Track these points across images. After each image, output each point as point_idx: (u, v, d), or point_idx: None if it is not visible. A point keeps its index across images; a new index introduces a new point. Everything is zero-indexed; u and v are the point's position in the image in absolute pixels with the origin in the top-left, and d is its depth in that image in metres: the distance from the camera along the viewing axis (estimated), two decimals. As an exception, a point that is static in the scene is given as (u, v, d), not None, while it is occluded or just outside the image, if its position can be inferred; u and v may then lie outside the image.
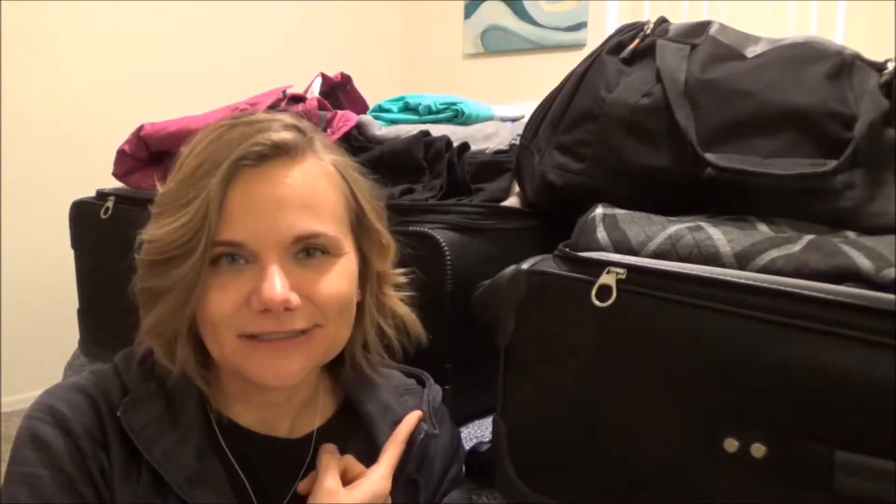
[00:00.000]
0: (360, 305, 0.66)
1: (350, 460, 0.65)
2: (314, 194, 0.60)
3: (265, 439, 0.65)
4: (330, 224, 0.61)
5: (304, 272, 0.59)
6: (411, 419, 0.68)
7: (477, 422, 0.87)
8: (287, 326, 0.58)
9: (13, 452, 0.57)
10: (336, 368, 0.70)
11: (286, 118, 0.63)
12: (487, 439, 0.76)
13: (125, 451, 0.59)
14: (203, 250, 0.56)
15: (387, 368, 0.73)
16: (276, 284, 0.56)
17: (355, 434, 0.68)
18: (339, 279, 0.61)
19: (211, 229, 0.56)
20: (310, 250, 0.60)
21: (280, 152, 0.59)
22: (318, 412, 0.69)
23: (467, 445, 0.80)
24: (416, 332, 0.70)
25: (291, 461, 0.65)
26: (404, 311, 0.70)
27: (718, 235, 0.62)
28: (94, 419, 0.59)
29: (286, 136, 0.60)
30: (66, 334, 1.40)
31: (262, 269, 0.57)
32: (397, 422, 0.69)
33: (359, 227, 0.65)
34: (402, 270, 0.70)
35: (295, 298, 0.57)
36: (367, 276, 0.66)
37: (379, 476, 0.63)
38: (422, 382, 0.75)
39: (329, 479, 0.61)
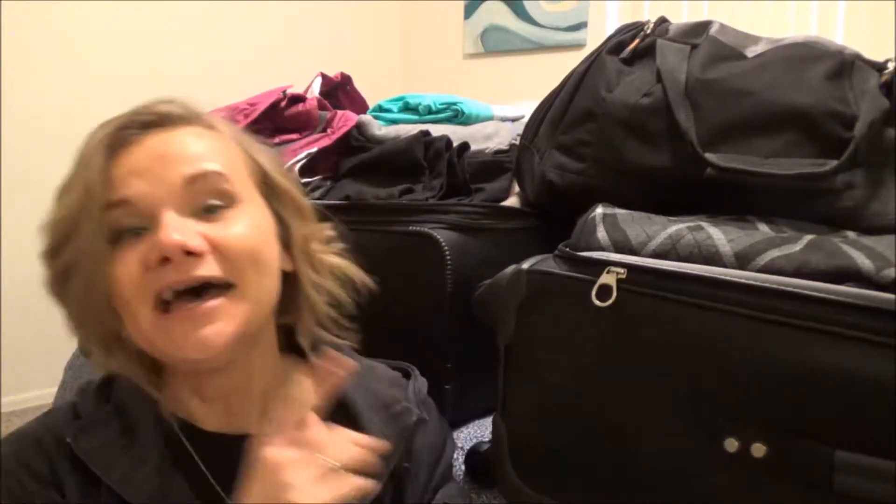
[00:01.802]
0: (294, 276, 0.64)
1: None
2: (201, 145, 0.59)
3: (230, 439, 0.61)
4: (221, 166, 0.59)
5: (207, 224, 0.57)
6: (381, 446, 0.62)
7: (477, 422, 0.86)
8: (194, 273, 0.55)
9: None
10: (304, 354, 0.67)
11: (176, 99, 0.62)
12: (487, 439, 0.76)
13: (81, 480, 0.57)
14: (94, 216, 0.55)
15: (370, 360, 0.71)
16: (170, 227, 0.54)
17: (338, 422, 0.63)
18: (246, 229, 0.58)
19: (96, 199, 0.55)
20: (209, 206, 0.57)
21: (163, 121, 0.59)
22: (293, 404, 0.65)
23: (467, 445, 0.80)
24: (360, 279, 0.68)
25: None
26: (341, 262, 0.67)
27: (719, 235, 0.62)
28: (39, 459, 0.57)
29: (170, 107, 0.60)
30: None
31: (158, 226, 0.55)
32: (385, 407, 0.66)
33: (267, 188, 0.63)
34: (326, 225, 0.68)
35: (195, 240, 0.55)
36: (291, 241, 0.64)
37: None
38: (407, 374, 0.73)
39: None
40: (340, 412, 0.65)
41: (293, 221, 0.64)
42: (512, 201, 0.96)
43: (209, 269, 0.56)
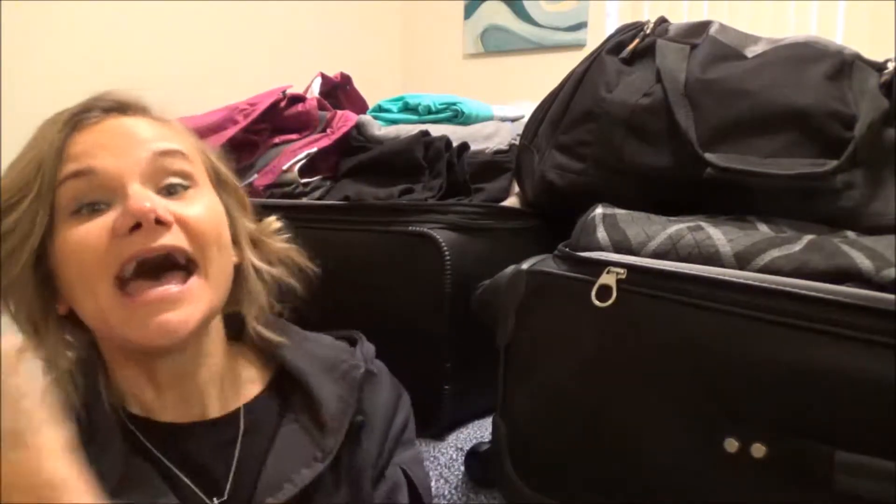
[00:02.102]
0: (240, 268, 0.64)
1: None
2: (163, 130, 0.61)
3: (186, 428, 0.61)
4: (184, 148, 0.60)
5: (170, 201, 0.57)
6: None
7: (477, 422, 0.87)
8: (165, 241, 0.55)
9: None
10: (252, 340, 0.68)
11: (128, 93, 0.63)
12: (487, 439, 0.76)
13: None
14: (41, 184, 0.54)
15: (311, 333, 0.71)
16: (143, 195, 0.54)
17: (291, 397, 0.66)
18: (207, 209, 0.59)
19: (48, 169, 0.55)
20: (172, 185, 0.58)
21: (124, 108, 0.60)
22: (246, 385, 0.66)
23: (467, 445, 0.80)
24: (303, 263, 0.68)
25: (223, 440, 0.62)
26: (283, 246, 0.68)
27: (718, 235, 0.62)
28: None
29: (128, 96, 0.61)
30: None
31: (125, 195, 0.54)
32: (331, 368, 0.66)
33: (217, 180, 0.65)
34: (272, 218, 0.69)
35: (165, 211, 0.55)
36: (238, 233, 0.65)
37: None
38: (353, 342, 0.73)
39: None
40: (287, 382, 0.66)
41: (240, 216, 0.66)
42: (512, 201, 0.96)
43: (177, 239, 0.56)
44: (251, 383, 0.67)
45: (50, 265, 0.57)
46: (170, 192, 0.58)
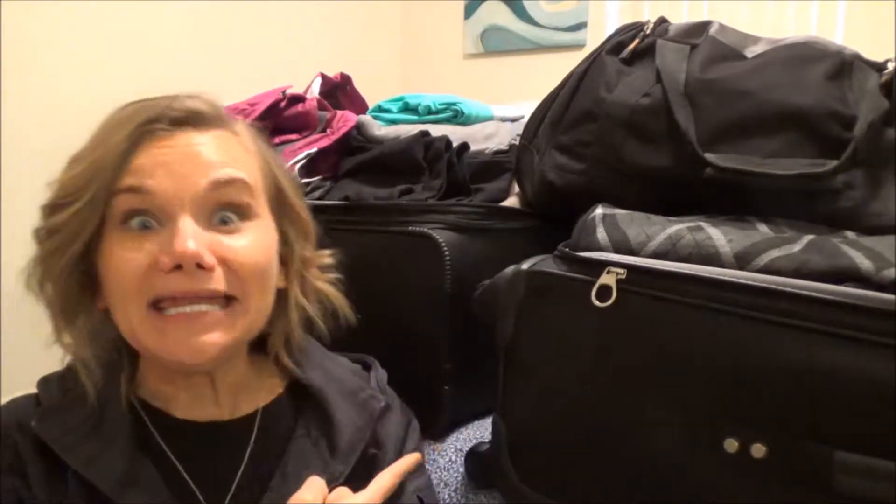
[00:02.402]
0: (284, 293, 0.64)
1: (344, 491, 0.60)
2: (228, 152, 0.59)
3: (199, 426, 0.62)
4: (245, 175, 0.59)
5: (220, 236, 0.57)
6: (412, 458, 0.65)
7: (477, 422, 0.87)
8: (201, 286, 0.55)
9: None
10: (275, 352, 0.68)
11: (204, 95, 0.62)
12: (487, 439, 0.76)
13: (46, 468, 0.56)
14: (98, 189, 0.55)
15: (331, 353, 0.72)
16: (188, 236, 0.53)
17: (305, 412, 0.66)
18: (256, 247, 0.59)
19: (105, 176, 0.55)
20: (225, 216, 0.57)
21: (194, 119, 0.58)
22: (261, 393, 0.66)
23: (467, 445, 0.80)
24: (344, 312, 0.68)
25: (232, 444, 0.62)
26: (331, 292, 0.68)
27: (718, 236, 0.62)
28: (2, 446, 0.56)
29: (201, 105, 0.59)
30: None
31: (174, 226, 0.54)
32: (351, 394, 0.67)
33: (279, 204, 0.64)
34: (327, 252, 0.69)
35: (209, 256, 0.54)
36: (290, 261, 0.64)
37: (366, 499, 0.60)
38: (367, 367, 0.74)
39: (308, 494, 0.58)
40: (310, 400, 0.67)
41: (297, 242, 0.65)
42: (512, 201, 0.96)
43: (216, 283, 0.56)
44: (267, 392, 0.67)
45: (95, 264, 0.58)
46: (223, 220, 0.57)
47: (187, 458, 0.60)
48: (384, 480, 0.61)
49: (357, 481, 0.62)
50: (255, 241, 0.59)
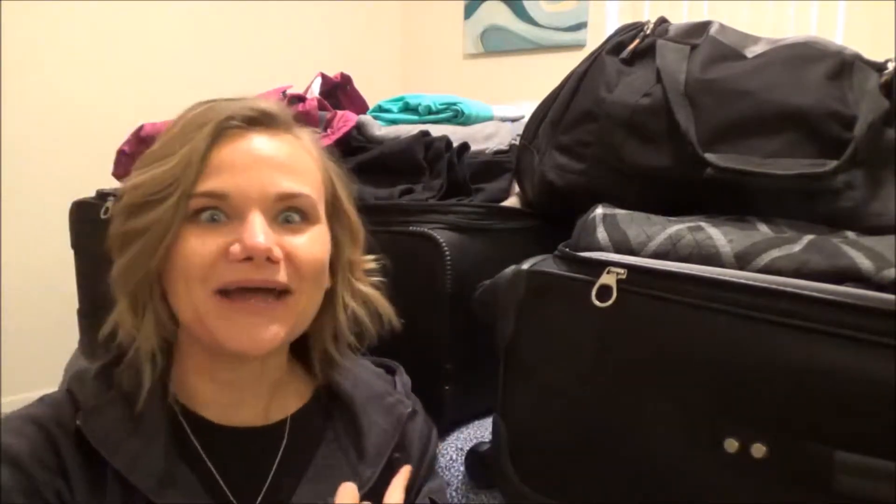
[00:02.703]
0: (331, 292, 0.66)
1: None
2: (297, 162, 0.62)
3: (234, 431, 0.63)
4: (309, 189, 0.62)
5: (283, 232, 0.59)
6: (407, 471, 0.67)
7: (477, 422, 0.86)
8: (266, 276, 0.57)
9: None
10: (307, 356, 0.70)
11: (271, 99, 0.65)
12: (487, 439, 0.76)
13: (87, 468, 0.57)
14: (180, 196, 0.57)
15: (359, 357, 0.73)
16: (260, 231, 0.56)
17: (334, 417, 0.68)
18: (316, 244, 0.61)
19: (189, 177, 0.57)
20: (289, 216, 0.60)
21: (266, 120, 0.61)
22: (291, 398, 0.68)
23: (467, 445, 0.80)
24: (388, 315, 0.70)
25: (264, 449, 0.64)
26: (376, 295, 0.70)
27: (718, 236, 0.62)
28: (45, 446, 0.56)
29: (272, 107, 0.62)
30: (66, 334, 1.40)
31: (244, 221, 0.57)
32: (378, 398, 0.69)
33: (333, 210, 0.66)
34: (371, 257, 0.71)
35: (278, 251, 0.57)
36: (338, 262, 0.67)
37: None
38: (391, 371, 0.75)
39: (346, 498, 0.60)
40: (338, 404, 0.68)
41: (346, 246, 0.67)
42: (512, 201, 0.96)
43: (281, 275, 0.58)
44: (297, 396, 0.69)
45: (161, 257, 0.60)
46: (286, 220, 0.60)
47: (220, 461, 0.61)
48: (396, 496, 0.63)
49: (384, 486, 0.64)
50: (314, 239, 0.61)
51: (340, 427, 0.67)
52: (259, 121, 0.61)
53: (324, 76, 1.24)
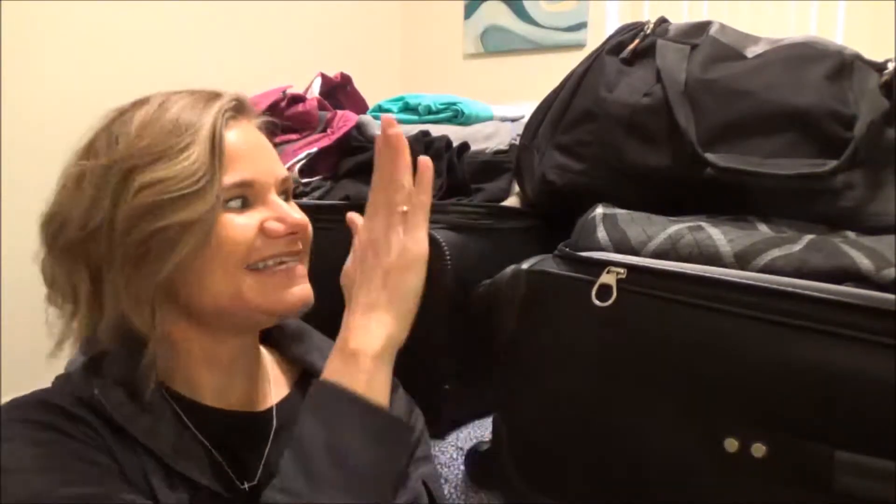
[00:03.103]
0: None
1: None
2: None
3: (227, 414, 0.64)
4: None
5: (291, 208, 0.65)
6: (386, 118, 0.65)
7: (477, 421, 0.86)
8: (297, 247, 0.63)
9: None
10: (281, 344, 0.72)
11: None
12: (487, 439, 0.76)
13: (117, 440, 0.58)
14: (217, 187, 0.59)
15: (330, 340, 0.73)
16: (295, 210, 0.63)
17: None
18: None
19: (216, 167, 0.59)
20: (285, 195, 0.65)
21: (247, 109, 0.65)
22: (272, 387, 0.69)
23: (467, 445, 0.80)
24: None
25: (256, 435, 0.65)
26: None
27: (718, 235, 0.62)
28: (72, 425, 0.57)
29: (241, 96, 0.65)
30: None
31: (269, 204, 0.62)
32: None
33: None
34: None
35: (307, 224, 0.64)
36: None
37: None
38: None
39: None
40: (309, 383, 0.67)
41: None
42: (512, 201, 0.96)
43: (300, 245, 0.64)
44: (278, 384, 0.70)
45: None
46: (284, 198, 0.65)
47: (217, 443, 0.62)
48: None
49: None
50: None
51: None
52: (242, 108, 0.64)
53: (324, 76, 1.24)
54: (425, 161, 0.62)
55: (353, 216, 0.65)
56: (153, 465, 0.57)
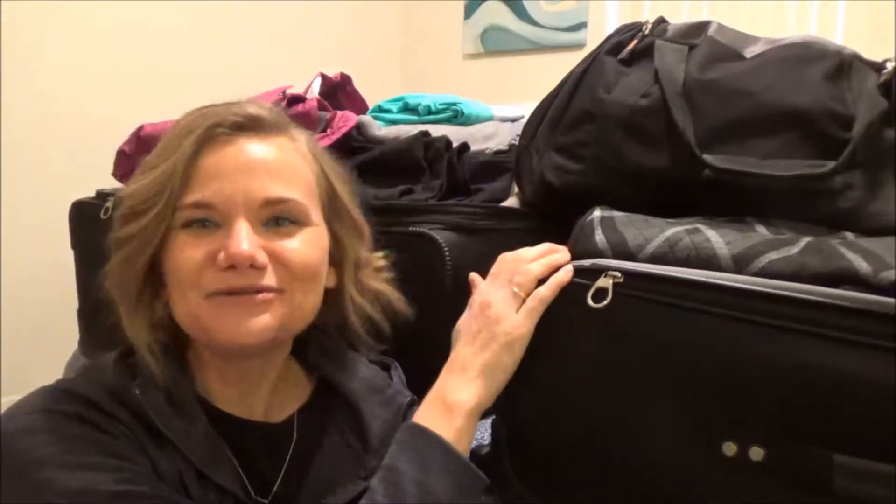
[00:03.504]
0: (337, 290, 0.67)
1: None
2: (285, 166, 0.62)
3: (248, 424, 0.64)
4: (298, 193, 0.62)
5: (273, 236, 0.60)
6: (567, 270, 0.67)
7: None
8: (252, 282, 0.58)
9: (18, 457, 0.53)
10: (305, 353, 0.71)
11: (264, 103, 0.65)
12: (487, 441, 0.76)
13: (152, 440, 0.58)
14: (163, 206, 0.58)
15: (353, 352, 0.74)
16: (243, 239, 0.57)
17: (334, 411, 0.69)
18: (307, 245, 0.62)
19: (175, 187, 0.58)
20: (279, 219, 0.61)
21: (254, 125, 0.61)
22: (290, 395, 0.69)
23: (466, 446, 0.80)
24: (401, 310, 0.71)
25: (276, 446, 0.65)
26: (388, 290, 0.71)
27: (716, 238, 0.62)
28: (109, 422, 0.57)
29: (262, 111, 0.62)
30: (66, 334, 1.40)
31: (230, 228, 0.58)
32: (378, 391, 0.70)
33: (331, 208, 0.66)
34: (380, 254, 0.72)
35: (261, 256, 0.58)
36: (343, 259, 0.67)
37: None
38: (386, 367, 0.76)
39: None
40: (337, 399, 0.70)
41: (349, 242, 0.67)
42: (512, 202, 0.95)
43: (268, 279, 0.59)
44: (299, 394, 0.70)
45: (160, 262, 0.61)
46: (277, 222, 0.61)
47: (237, 452, 0.62)
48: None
49: None
50: (305, 242, 0.62)
51: (342, 420, 0.69)
52: (247, 126, 0.61)
53: (324, 76, 1.24)
54: (565, 270, 0.66)
55: (474, 277, 0.70)
56: (185, 467, 0.58)
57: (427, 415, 0.63)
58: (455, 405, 0.63)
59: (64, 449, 0.53)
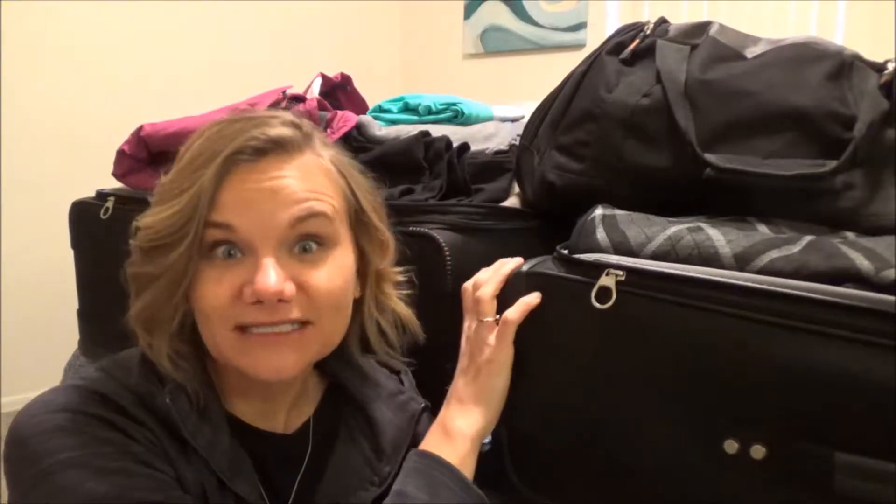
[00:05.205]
0: (359, 301, 0.67)
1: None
2: (309, 184, 0.60)
3: (266, 435, 0.65)
4: (324, 213, 0.60)
5: (299, 265, 0.59)
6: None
7: (477, 422, 0.86)
8: (280, 317, 0.58)
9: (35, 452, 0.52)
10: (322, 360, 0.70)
11: (286, 115, 0.63)
12: (487, 441, 0.76)
13: (176, 448, 0.58)
14: (193, 237, 0.56)
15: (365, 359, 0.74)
16: (271, 275, 0.56)
17: (346, 418, 0.69)
18: (334, 273, 0.61)
19: (201, 217, 0.56)
20: (306, 245, 0.59)
21: (277, 148, 0.59)
22: (308, 404, 0.69)
23: (467, 446, 0.80)
24: (413, 330, 0.71)
25: (292, 455, 0.65)
26: (402, 309, 0.70)
27: (718, 236, 0.62)
28: (138, 428, 0.56)
29: (284, 131, 0.60)
30: (66, 334, 1.40)
31: (257, 261, 0.57)
32: (390, 397, 0.71)
33: (357, 223, 0.65)
34: (400, 269, 0.71)
35: (289, 288, 0.57)
36: (366, 273, 0.67)
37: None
38: (396, 372, 0.77)
39: None
40: (349, 404, 0.70)
41: (373, 257, 0.67)
42: (512, 202, 0.95)
43: (294, 312, 0.58)
44: (310, 399, 0.70)
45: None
46: (304, 249, 0.60)
47: (256, 462, 0.62)
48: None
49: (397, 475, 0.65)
50: (333, 268, 0.61)
51: (354, 426, 0.69)
52: (270, 150, 0.59)
53: (324, 76, 1.24)
54: (534, 295, 0.68)
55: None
56: (207, 477, 0.57)
57: (432, 443, 0.66)
58: (458, 433, 0.66)
59: (91, 453, 0.53)
